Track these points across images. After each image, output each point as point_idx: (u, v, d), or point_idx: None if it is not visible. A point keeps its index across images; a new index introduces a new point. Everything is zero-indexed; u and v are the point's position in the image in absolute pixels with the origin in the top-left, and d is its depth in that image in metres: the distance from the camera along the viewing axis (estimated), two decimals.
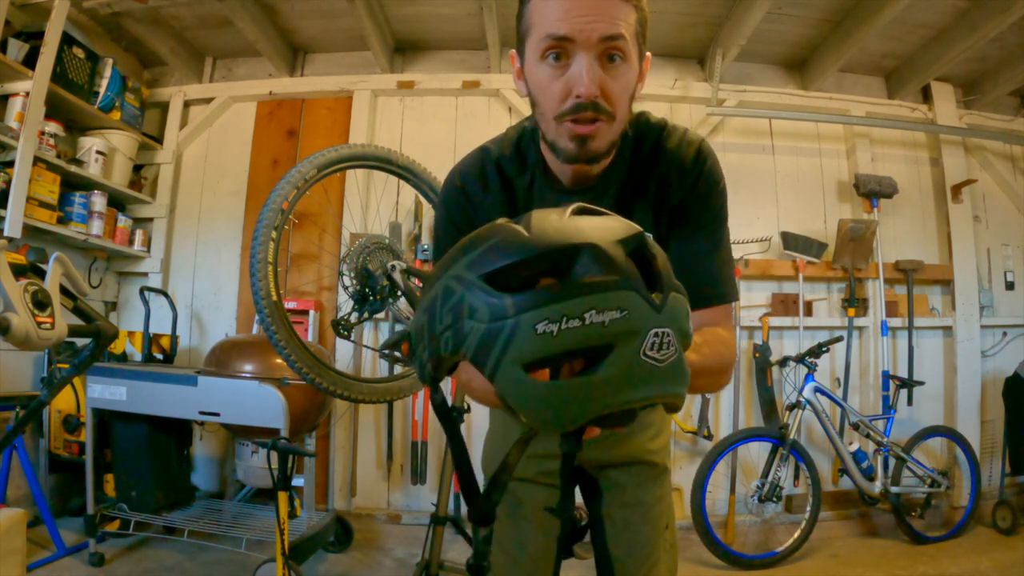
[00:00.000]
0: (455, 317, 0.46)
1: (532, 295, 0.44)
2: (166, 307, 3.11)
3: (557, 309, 0.43)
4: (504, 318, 0.44)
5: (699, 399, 3.09)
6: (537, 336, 0.43)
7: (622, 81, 0.74)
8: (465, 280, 0.47)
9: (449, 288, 0.48)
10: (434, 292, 0.49)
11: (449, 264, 0.49)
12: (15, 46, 2.51)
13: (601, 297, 0.44)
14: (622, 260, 0.46)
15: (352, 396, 2.09)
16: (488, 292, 0.45)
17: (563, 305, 0.43)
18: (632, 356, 0.44)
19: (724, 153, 3.31)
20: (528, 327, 0.43)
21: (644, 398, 0.46)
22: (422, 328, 0.50)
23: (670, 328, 0.46)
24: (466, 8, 3.12)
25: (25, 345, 1.31)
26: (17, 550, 1.57)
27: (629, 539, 0.98)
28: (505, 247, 0.47)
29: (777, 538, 2.80)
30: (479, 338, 0.45)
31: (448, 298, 0.47)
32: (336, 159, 2.12)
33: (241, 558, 2.27)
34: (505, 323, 0.44)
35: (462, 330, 0.46)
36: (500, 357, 0.44)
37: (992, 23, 2.82)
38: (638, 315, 0.45)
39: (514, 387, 0.44)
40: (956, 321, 3.32)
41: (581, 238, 0.46)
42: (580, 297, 0.43)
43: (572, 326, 0.43)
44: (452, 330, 0.47)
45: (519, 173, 0.89)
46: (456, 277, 0.47)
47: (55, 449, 2.65)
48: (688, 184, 0.84)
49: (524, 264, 0.46)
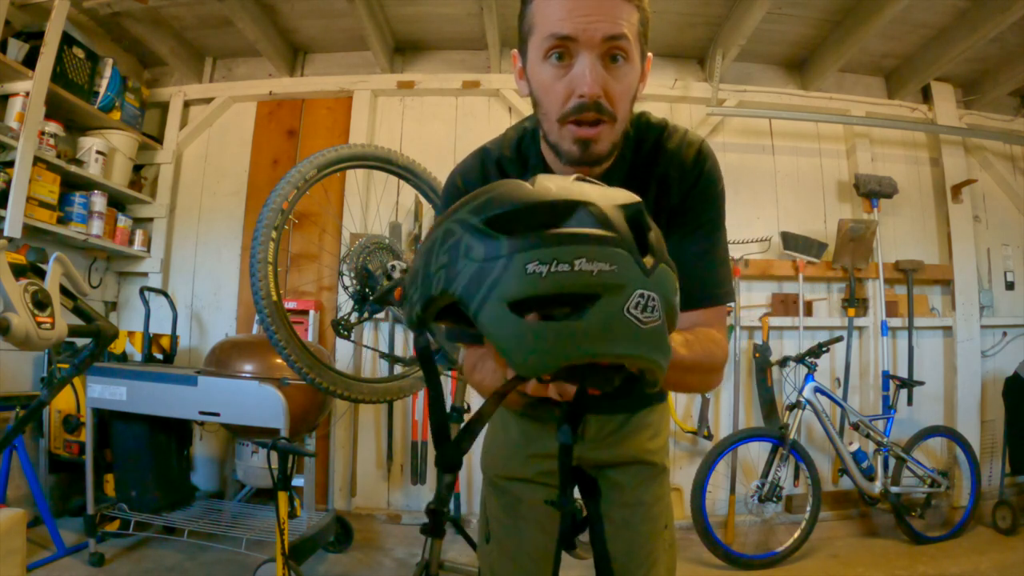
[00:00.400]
0: (452, 257, 0.48)
1: (526, 238, 0.46)
2: (166, 307, 3.11)
3: (548, 252, 0.45)
4: (497, 257, 0.46)
5: (699, 399, 3.09)
6: (526, 276, 0.45)
7: (625, 81, 0.74)
8: (467, 223, 0.48)
9: (450, 230, 0.49)
10: (434, 235, 0.50)
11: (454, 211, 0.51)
12: (15, 46, 2.51)
13: (594, 249, 0.46)
14: (619, 222, 0.48)
15: (352, 396, 2.09)
16: (486, 233, 0.47)
17: (555, 250, 0.45)
18: (616, 309, 0.46)
19: (724, 153, 3.31)
20: (519, 266, 0.45)
21: (623, 354, 0.47)
22: (417, 270, 0.51)
23: (656, 293, 0.48)
24: (466, 8, 3.12)
25: (25, 345, 1.31)
26: (17, 550, 1.58)
27: (628, 539, 0.98)
28: (509, 195, 0.49)
29: (777, 538, 2.80)
30: (470, 275, 0.46)
31: (447, 239, 0.49)
32: (336, 159, 2.13)
33: (241, 558, 2.27)
34: (497, 262, 0.46)
35: (455, 268, 0.47)
36: (488, 294, 0.46)
37: (992, 23, 2.82)
38: (627, 272, 0.47)
39: (497, 324, 0.46)
40: (956, 321, 3.32)
41: (583, 197, 0.49)
42: (573, 245, 0.45)
43: (561, 270, 0.45)
44: (446, 269, 0.48)
45: (520, 174, 0.88)
46: (459, 220, 0.49)
47: (55, 449, 2.65)
48: (688, 184, 0.84)
49: (525, 211, 0.48)
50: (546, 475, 1.00)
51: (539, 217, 0.47)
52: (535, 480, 1.00)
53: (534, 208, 0.48)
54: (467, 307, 0.47)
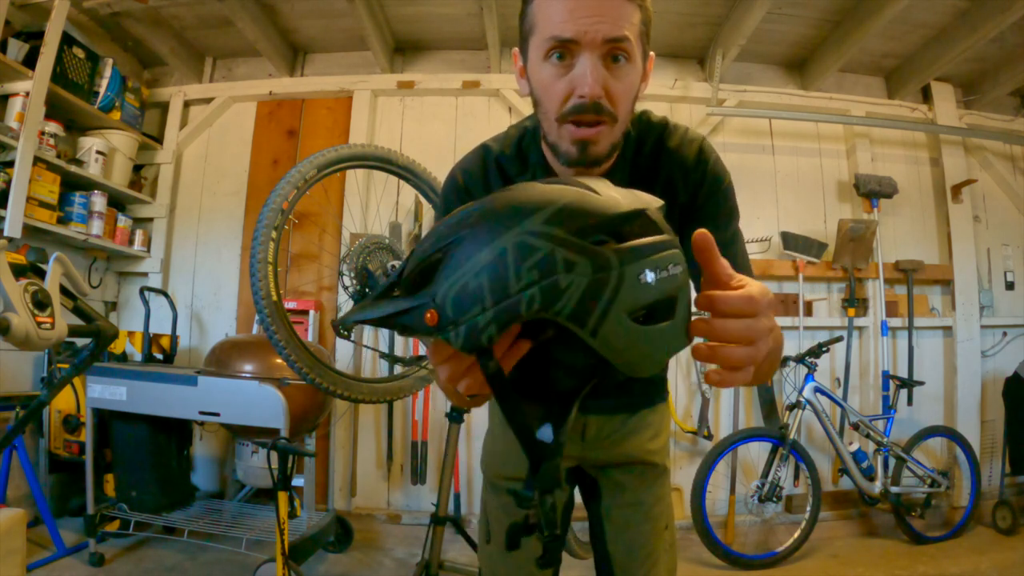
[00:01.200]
0: (544, 273, 0.45)
1: (632, 249, 0.47)
2: (166, 307, 3.11)
3: (653, 261, 0.48)
4: (609, 269, 0.46)
5: (699, 399, 3.09)
6: (640, 285, 0.47)
7: (626, 82, 0.73)
8: (552, 236, 0.46)
9: (526, 244, 0.46)
10: (497, 250, 0.46)
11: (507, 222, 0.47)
12: (15, 46, 2.51)
13: (674, 253, 0.50)
14: (665, 225, 0.52)
15: (352, 396, 2.09)
16: (585, 246, 0.46)
17: (659, 257, 0.48)
18: (689, 305, 0.51)
19: (724, 153, 3.26)
20: (632, 277, 0.47)
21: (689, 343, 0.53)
22: (478, 290, 0.47)
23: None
24: (466, 8, 3.12)
25: (25, 345, 1.31)
26: (17, 550, 1.57)
27: (629, 539, 0.98)
28: (587, 206, 0.48)
29: (777, 538, 2.80)
30: (582, 291, 0.46)
31: (528, 254, 0.46)
32: (336, 159, 2.13)
33: (241, 558, 2.27)
34: (610, 275, 0.46)
35: (558, 285, 0.46)
36: (608, 307, 0.46)
37: (992, 23, 2.82)
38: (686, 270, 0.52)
39: (623, 335, 0.47)
40: (956, 321, 3.32)
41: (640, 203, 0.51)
42: (666, 251, 0.49)
43: (663, 276, 0.48)
44: (540, 286, 0.45)
45: (520, 172, 0.88)
46: (533, 233, 0.46)
47: (55, 449, 2.65)
48: (693, 183, 0.84)
49: (608, 221, 0.48)
50: None
51: (619, 225, 0.49)
52: None
53: (615, 219, 0.49)
54: (581, 323, 0.46)
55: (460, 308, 0.47)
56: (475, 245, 0.47)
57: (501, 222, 0.47)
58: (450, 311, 0.47)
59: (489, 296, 0.46)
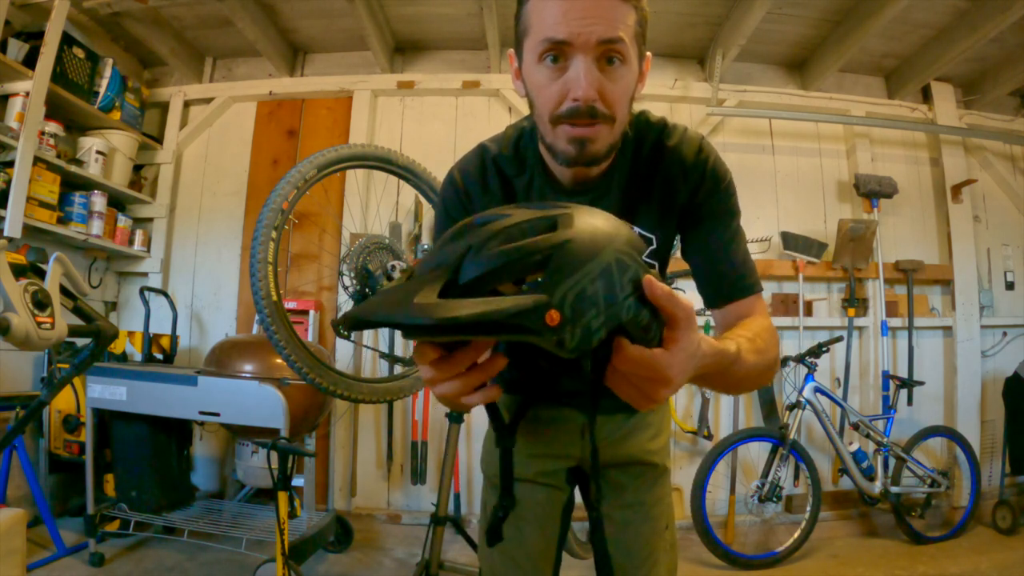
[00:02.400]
0: (635, 286, 0.53)
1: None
2: (166, 307, 3.11)
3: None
4: None
5: (699, 399, 3.09)
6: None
7: (621, 83, 0.73)
8: (636, 257, 0.54)
9: (622, 261, 0.53)
10: (605, 262, 0.52)
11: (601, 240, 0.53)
12: (15, 46, 2.51)
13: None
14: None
15: (352, 396, 2.09)
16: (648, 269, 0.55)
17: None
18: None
19: (724, 153, 3.25)
20: None
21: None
22: (596, 295, 0.51)
23: None
24: (466, 8, 3.12)
25: (25, 345, 1.32)
26: (17, 550, 1.57)
27: (629, 539, 0.98)
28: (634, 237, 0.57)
29: (777, 538, 2.80)
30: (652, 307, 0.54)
31: (624, 269, 0.53)
32: (336, 159, 2.13)
33: (241, 558, 2.27)
34: None
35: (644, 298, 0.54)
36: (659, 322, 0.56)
37: (992, 23, 2.82)
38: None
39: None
40: (956, 321, 3.32)
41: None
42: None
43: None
44: (635, 297, 0.53)
45: (518, 173, 0.88)
46: (626, 253, 0.54)
47: (55, 449, 2.65)
48: (693, 183, 0.84)
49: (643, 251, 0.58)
50: (546, 475, 1.00)
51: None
52: (535, 480, 1.00)
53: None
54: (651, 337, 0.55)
55: (578, 311, 0.50)
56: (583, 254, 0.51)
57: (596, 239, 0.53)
58: (568, 312, 0.49)
59: (603, 301, 0.51)
